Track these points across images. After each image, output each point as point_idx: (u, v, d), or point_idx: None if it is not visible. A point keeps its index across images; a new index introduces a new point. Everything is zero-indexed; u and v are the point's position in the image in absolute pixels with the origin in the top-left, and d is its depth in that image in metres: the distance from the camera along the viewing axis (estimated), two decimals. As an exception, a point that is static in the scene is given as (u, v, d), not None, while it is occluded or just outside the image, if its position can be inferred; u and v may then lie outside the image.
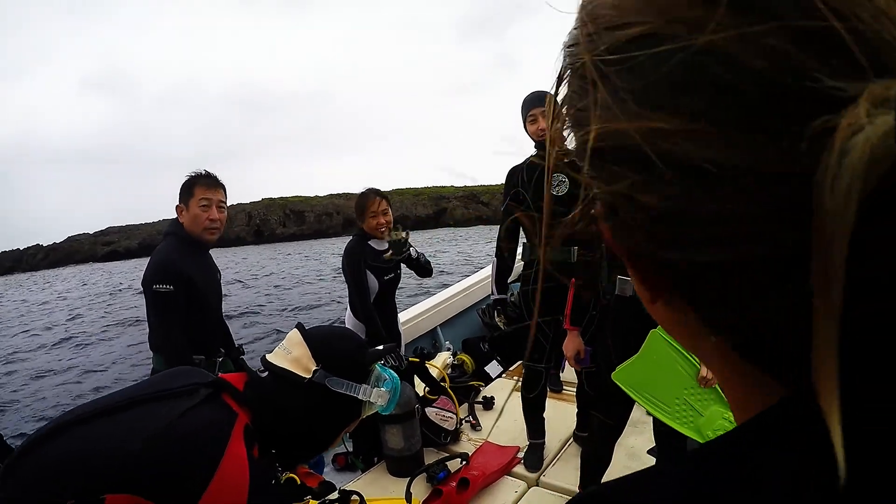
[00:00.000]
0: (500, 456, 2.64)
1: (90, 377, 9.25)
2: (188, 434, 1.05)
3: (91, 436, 1.05)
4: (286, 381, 1.23)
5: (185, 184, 2.37)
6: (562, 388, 3.39)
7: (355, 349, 1.33)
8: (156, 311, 2.23)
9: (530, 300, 2.60)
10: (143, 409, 1.09)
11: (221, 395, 1.19)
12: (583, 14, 0.26)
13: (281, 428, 1.22)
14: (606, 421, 2.08)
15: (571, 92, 0.28)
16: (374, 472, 2.66)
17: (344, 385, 1.25)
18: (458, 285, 4.94)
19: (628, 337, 1.95)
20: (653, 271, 0.28)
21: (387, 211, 2.95)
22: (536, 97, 2.49)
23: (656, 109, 0.22)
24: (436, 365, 3.13)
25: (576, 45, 0.27)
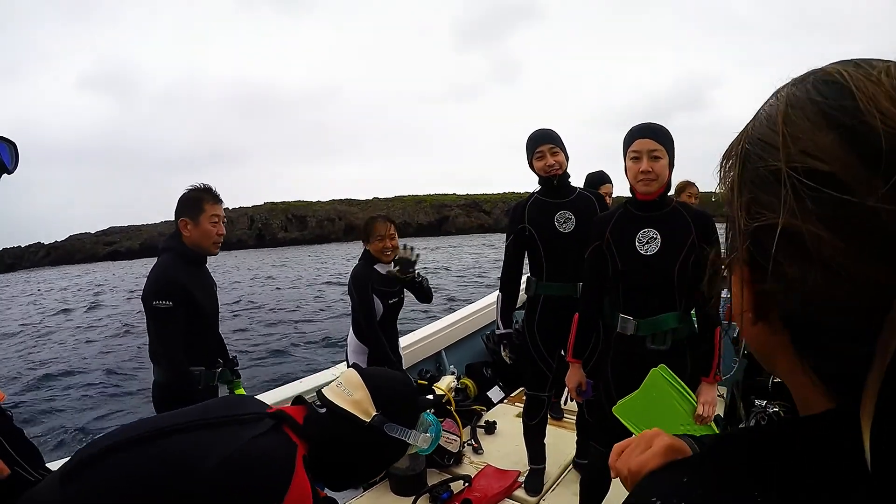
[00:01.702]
0: (502, 479, 2.73)
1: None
2: (257, 460, 1.14)
3: (162, 454, 1.12)
4: (346, 420, 1.34)
5: (190, 199, 2.40)
6: (562, 416, 3.48)
7: (410, 398, 1.45)
8: (156, 325, 2.29)
9: (535, 332, 2.64)
10: (211, 433, 1.18)
11: (283, 426, 1.29)
12: (784, 129, 0.37)
13: (334, 460, 1.33)
14: (605, 451, 2.15)
15: (753, 177, 0.39)
16: (376, 490, 2.73)
17: (398, 430, 1.36)
18: (464, 310, 5.01)
19: (627, 372, 2.03)
20: (778, 316, 0.39)
21: (394, 236, 3.01)
22: (543, 135, 2.53)
23: (829, 230, 0.33)
24: (442, 388, 3.20)
25: (770, 147, 0.38)
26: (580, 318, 2.24)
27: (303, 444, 1.27)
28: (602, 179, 3.68)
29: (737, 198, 0.40)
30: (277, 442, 1.22)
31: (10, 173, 1.55)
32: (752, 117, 0.42)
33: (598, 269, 2.14)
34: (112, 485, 1.08)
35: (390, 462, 1.47)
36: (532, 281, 2.67)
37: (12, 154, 1.53)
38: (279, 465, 1.15)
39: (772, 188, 0.36)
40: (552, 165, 2.49)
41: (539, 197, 2.63)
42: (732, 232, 0.41)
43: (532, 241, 2.60)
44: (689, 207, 2.04)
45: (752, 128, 0.41)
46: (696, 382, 1.96)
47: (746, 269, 0.40)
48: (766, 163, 0.37)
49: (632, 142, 1.94)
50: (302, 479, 1.15)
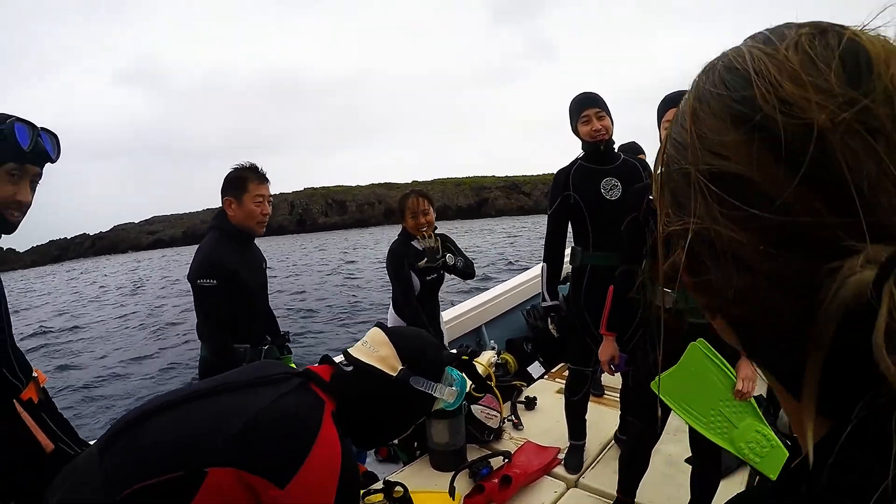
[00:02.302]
0: (542, 456, 2.71)
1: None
2: (285, 415, 1.19)
3: (193, 416, 1.19)
4: (373, 376, 1.38)
5: (235, 178, 2.44)
6: (603, 392, 3.43)
7: (434, 352, 1.48)
8: (200, 303, 2.35)
9: (582, 304, 2.59)
10: (240, 394, 1.24)
11: (310, 384, 1.33)
12: (693, 128, 0.35)
13: (361, 417, 1.36)
14: (644, 427, 2.13)
15: (669, 180, 0.38)
16: (416, 464, 2.76)
17: (423, 383, 1.39)
18: (504, 285, 4.98)
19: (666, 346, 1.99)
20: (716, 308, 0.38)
21: (427, 211, 2.99)
22: (589, 98, 2.45)
23: (743, 230, 0.32)
24: (482, 363, 3.19)
25: (682, 148, 0.36)
26: (615, 290, 2.19)
27: (330, 400, 1.31)
28: (635, 150, 3.59)
29: (660, 201, 0.39)
30: (304, 399, 1.26)
31: (52, 162, 1.64)
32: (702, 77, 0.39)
33: (634, 241, 2.09)
34: (145, 450, 1.13)
35: (417, 417, 1.48)
36: (577, 251, 2.60)
37: (54, 144, 1.62)
38: (305, 419, 1.19)
39: (685, 191, 0.35)
40: (598, 130, 2.41)
41: (583, 163, 2.54)
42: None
43: (577, 209, 2.53)
44: None
45: (671, 127, 0.39)
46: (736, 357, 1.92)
47: (685, 272, 0.38)
48: (680, 165, 0.36)
49: (665, 111, 1.90)
50: (330, 433, 1.19)
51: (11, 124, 1.50)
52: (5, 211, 1.55)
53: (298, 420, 1.19)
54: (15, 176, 1.54)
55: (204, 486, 1.08)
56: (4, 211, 1.55)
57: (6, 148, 1.50)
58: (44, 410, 1.68)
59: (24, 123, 1.53)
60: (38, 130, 1.57)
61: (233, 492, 1.10)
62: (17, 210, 1.58)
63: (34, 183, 1.63)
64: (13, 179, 1.54)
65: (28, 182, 1.59)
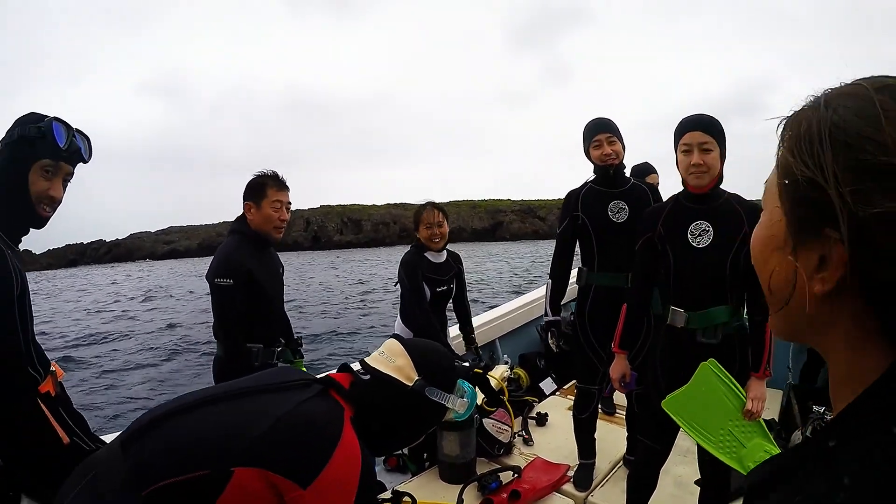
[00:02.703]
0: (551, 472, 2.71)
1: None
2: (310, 419, 1.23)
3: (220, 417, 1.23)
4: (389, 385, 1.42)
5: (256, 183, 2.51)
6: (614, 411, 3.43)
7: (449, 364, 1.53)
8: (217, 302, 2.41)
9: (586, 323, 2.64)
10: (265, 397, 1.29)
11: (330, 391, 1.39)
12: (888, 130, 0.41)
13: (376, 424, 1.40)
14: (653, 446, 2.13)
15: (855, 168, 0.42)
16: (425, 476, 2.77)
17: (437, 394, 1.44)
18: (520, 300, 5.00)
19: (677, 365, 2.00)
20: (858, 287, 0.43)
21: (441, 223, 3.06)
22: (601, 123, 2.52)
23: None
24: (495, 376, 3.20)
25: (874, 143, 0.41)
26: (628, 309, 2.22)
27: (349, 407, 1.36)
28: (647, 170, 3.66)
29: (834, 182, 0.42)
30: (325, 405, 1.31)
31: (85, 163, 1.72)
32: (817, 110, 0.46)
33: (648, 261, 2.12)
34: (171, 448, 1.17)
35: (429, 425, 1.53)
36: (583, 271, 2.66)
37: (87, 146, 1.70)
38: (328, 423, 1.24)
39: (882, 179, 0.40)
40: (609, 155, 2.48)
41: (593, 186, 2.61)
42: (808, 207, 0.44)
43: (584, 230, 2.59)
44: (741, 200, 2.00)
45: (839, 119, 0.43)
46: (745, 377, 1.93)
47: (839, 247, 0.42)
48: (873, 157, 0.41)
49: (682, 134, 1.92)
50: (351, 438, 1.24)
51: (49, 123, 1.58)
52: (38, 205, 1.62)
53: (322, 424, 1.23)
54: (49, 172, 1.61)
55: (230, 485, 1.12)
56: (37, 205, 1.62)
57: (43, 145, 1.58)
58: (59, 404, 1.72)
59: (61, 123, 1.61)
60: (73, 131, 1.65)
61: (257, 491, 1.14)
62: (49, 205, 1.66)
63: (66, 181, 1.70)
64: (47, 176, 1.61)
65: (61, 179, 1.67)
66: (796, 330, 0.52)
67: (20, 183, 1.59)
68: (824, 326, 0.47)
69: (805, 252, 0.46)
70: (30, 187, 1.60)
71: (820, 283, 0.45)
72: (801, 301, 0.47)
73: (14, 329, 1.55)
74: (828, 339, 0.48)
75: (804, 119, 0.46)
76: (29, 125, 1.57)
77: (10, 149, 1.59)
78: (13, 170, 1.58)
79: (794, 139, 0.46)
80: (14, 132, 1.58)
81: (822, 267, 0.44)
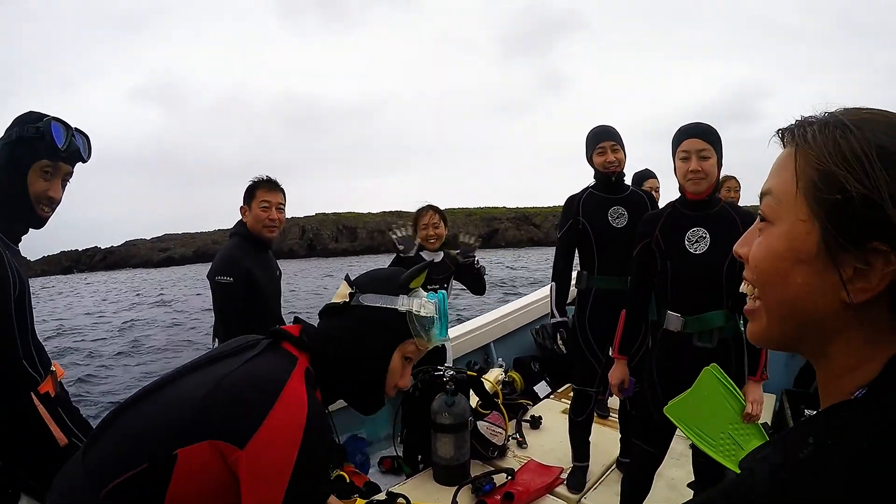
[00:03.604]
0: (544, 475, 2.72)
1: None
2: (249, 375, 1.11)
3: (160, 401, 1.13)
4: (330, 312, 1.29)
5: (249, 187, 2.62)
6: (608, 415, 3.45)
7: (391, 272, 1.34)
8: (217, 300, 2.48)
9: (586, 326, 2.67)
10: (208, 369, 1.17)
11: (282, 343, 1.25)
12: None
13: (332, 364, 1.25)
14: (648, 449, 2.15)
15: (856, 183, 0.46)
16: (419, 478, 2.78)
17: (380, 298, 1.26)
18: (514, 303, 5.02)
19: (673, 369, 2.03)
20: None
21: (438, 224, 3.09)
22: (605, 131, 2.58)
23: None
24: (489, 380, 3.22)
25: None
26: (627, 314, 2.25)
27: (303, 355, 1.23)
28: (646, 176, 3.75)
29: (890, 199, 0.45)
30: (272, 358, 1.18)
31: (84, 162, 1.71)
32: (848, 131, 0.48)
33: (646, 267, 2.16)
34: (117, 445, 1.09)
35: (393, 343, 1.28)
36: (583, 275, 2.71)
37: (86, 145, 1.70)
38: (267, 378, 1.11)
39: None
40: (612, 162, 2.56)
41: (594, 191, 2.68)
42: (858, 222, 0.47)
43: (585, 235, 2.65)
44: (736, 207, 2.05)
45: (885, 141, 0.47)
46: (740, 381, 1.95)
47: (886, 258, 0.46)
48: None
49: (681, 142, 1.97)
50: (295, 390, 1.10)
51: (48, 123, 1.57)
52: (37, 206, 1.62)
53: (262, 379, 1.11)
54: (48, 173, 1.61)
55: (177, 469, 1.03)
56: (36, 206, 1.62)
57: (42, 145, 1.57)
58: (59, 404, 1.71)
59: (59, 123, 1.60)
60: (72, 130, 1.64)
61: (211, 467, 1.05)
62: (48, 206, 1.65)
63: (65, 181, 1.70)
64: (46, 176, 1.61)
65: (60, 180, 1.66)
66: (798, 338, 0.54)
67: (19, 183, 1.58)
68: (833, 334, 0.50)
69: (842, 263, 0.48)
70: (29, 188, 1.59)
71: (860, 292, 0.47)
72: (822, 309, 0.50)
73: (11, 330, 1.54)
74: (831, 346, 0.51)
75: (836, 136, 0.49)
76: (27, 125, 1.56)
77: (8, 149, 1.58)
78: (12, 170, 1.58)
79: (835, 154, 0.48)
80: (13, 132, 1.57)
81: (854, 278, 0.47)
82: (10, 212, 1.61)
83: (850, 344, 0.50)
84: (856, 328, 0.49)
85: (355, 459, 3.16)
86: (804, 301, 0.51)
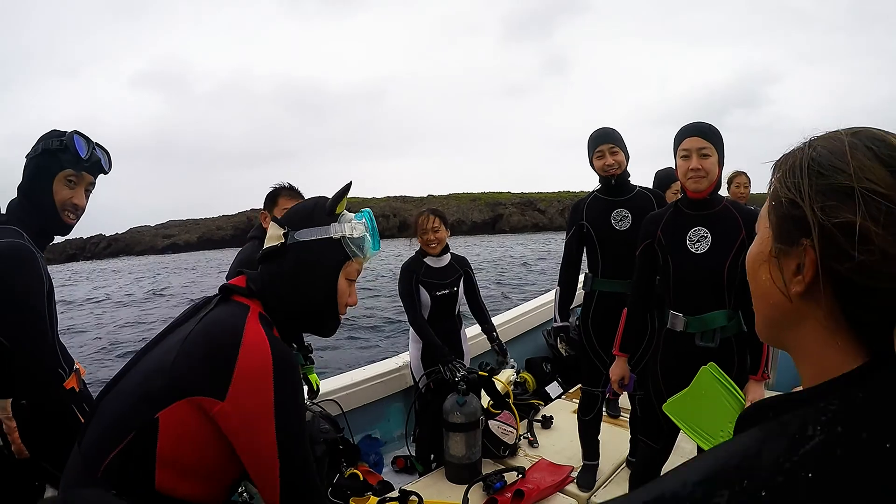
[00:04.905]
0: (555, 473, 2.76)
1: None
2: (208, 329, 1.16)
3: (136, 377, 1.18)
4: (269, 256, 1.31)
5: (270, 194, 2.69)
6: (619, 414, 3.48)
7: (316, 200, 1.37)
8: None
9: (590, 328, 2.71)
10: (171, 336, 1.22)
11: (231, 297, 1.29)
12: (853, 162, 0.52)
13: (281, 305, 1.29)
14: (654, 446, 2.18)
15: (825, 189, 0.53)
16: (432, 476, 2.83)
17: (312, 232, 1.30)
18: (526, 305, 5.06)
19: (676, 368, 2.06)
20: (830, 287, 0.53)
21: (437, 228, 3.12)
22: (603, 134, 2.60)
23: (881, 228, 0.49)
24: (501, 380, 3.26)
25: (840, 172, 0.52)
26: (629, 313, 2.29)
27: (254, 302, 1.27)
28: (671, 177, 3.62)
29: (809, 200, 0.53)
30: (225, 311, 1.22)
31: (105, 173, 1.87)
32: (802, 150, 0.58)
33: (648, 267, 2.19)
34: (104, 422, 1.14)
35: (336, 269, 1.32)
36: (589, 277, 2.75)
37: (106, 159, 1.84)
38: (225, 329, 1.15)
39: (843, 198, 0.51)
40: (611, 165, 2.57)
41: (598, 195, 2.71)
42: (789, 222, 0.56)
43: (589, 238, 2.69)
44: (738, 206, 2.06)
45: (816, 155, 0.55)
46: (743, 380, 1.99)
47: (812, 252, 0.53)
48: (838, 181, 0.52)
49: (681, 140, 2.00)
50: (253, 334, 1.14)
51: (71, 136, 1.71)
52: (62, 213, 1.76)
53: (220, 330, 1.15)
54: (72, 182, 1.75)
55: (160, 433, 1.08)
56: (62, 213, 1.75)
57: (66, 156, 1.71)
58: (83, 400, 1.84)
59: (81, 136, 1.74)
60: (93, 143, 1.79)
61: (191, 422, 1.09)
62: (73, 213, 1.79)
63: (88, 191, 1.83)
64: (70, 185, 1.75)
65: (83, 189, 1.80)
66: (775, 330, 0.63)
67: (45, 192, 1.71)
68: (800, 322, 0.58)
69: (787, 260, 0.57)
70: (54, 196, 1.72)
71: (798, 284, 0.56)
72: (780, 302, 0.59)
73: (45, 329, 1.66)
74: (800, 336, 0.58)
75: (791, 156, 0.59)
76: (52, 139, 1.70)
77: (35, 161, 1.72)
78: (38, 180, 1.71)
79: (782, 171, 0.59)
80: (38, 146, 1.71)
81: (798, 271, 0.56)
82: (37, 219, 1.73)
83: (814, 336, 0.57)
84: (812, 320, 0.56)
85: (369, 459, 3.22)
86: (769, 296, 0.61)
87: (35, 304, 1.63)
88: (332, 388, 3.35)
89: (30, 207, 1.72)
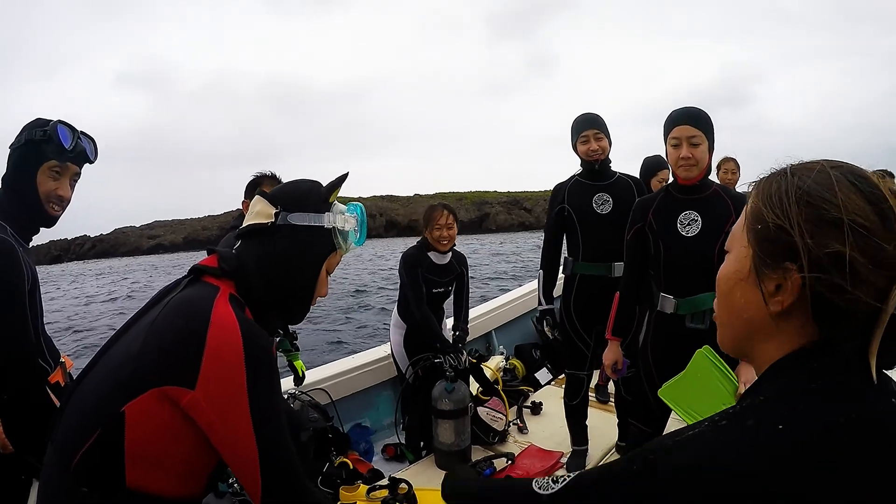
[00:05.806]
0: (544, 459, 2.78)
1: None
2: (173, 314, 1.09)
3: (103, 369, 1.11)
4: (253, 234, 1.24)
5: (252, 182, 2.66)
6: (608, 399, 3.49)
7: (311, 184, 1.32)
8: None
9: (572, 311, 2.72)
10: (138, 323, 1.15)
11: (201, 278, 1.21)
12: (840, 196, 0.57)
13: (258, 287, 1.22)
14: (644, 429, 2.19)
15: (815, 219, 0.57)
16: (422, 464, 2.83)
17: (307, 217, 1.24)
18: (515, 292, 5.06)
19: (666, 350, 2.06)
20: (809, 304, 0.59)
21: (452, 225, 3.09)
22: (588, 119, 2.61)
23: (863, 256, 0.55)
24: (490, 367, 3.25)
25: (830, 204, 0.57)
26: (621, 297, 2.29)
27: (225, 283, 1.19)
28: (659, 165, 3.63)
29: (798, 229, 0.57)
30: (192, 293, 1.15)
31: (91, 163, 1.81)
32: (785, 177, 0.62)
33: (639, 250, 2.19)
34: (77, 420, 1.08)
35: (321, 259, 1.28)
36: (569, 261, 2.76)
37: (92, 147, 1.79)
38: (191, 314, 1.08)
39: (831, 229, 0.56)
40: (595, 150, 2.58)
41: (579, 179, 2.72)
42: (774, 246, 0.60)
43: (570, 222, 2.70)
44: (728, 190, 2.07)
45: (803, 185, 0.59)
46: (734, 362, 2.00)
47: (795, 277, 0.58)
48: (828, 213, 0.56)
49: (672, 128, 1.99)
50: (223, 316, 1.08)
51: (54, 126, 1.65)
52: (47, 204, 1.70)
53: (186, 315, 1.08)
54: (57, 173, 1.70)
55: (127, 427, 1.02)
56: (46, 204, 1.70)
57: (50, 147, 1.66)
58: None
59: (65, 126, 1.69)
60: (78, 133, 1.73)
61: (158, 414, 1.03)
62: (58, 204, 1.74)
63: (73, 182, 1.78)
64: (55, 176, 1.70)
65: (68, 180, 1.75)
66: (742, 343, 0.68)
67: (29, 183, 1.67)
68: (769, 337, 0.63)
69: (766, 280, 0.61)
70: (38, 187, 1.68)
71: (777, 304, 0.60)
72: (754, 319, 0.64)
73: (25, 324, 1.63)
74: (766, 348, 0.64)
75: (774, 181, 0.62)
76: (35, 129, 1.65)
77: (18, 152, 1.67)
78: (22, 171, 1.67)
79: (766, 195, 0.62)
80: (21, 137, 1.66)
81: (776, 293, 0.60)
82: (22, 211, 1.69)
83: (773, 348, 0.63)
84: (782, 335, 0.62)
85: (359, 448, 3.21)
86: (742, 312, 0.65)
87: (13, 297, 1.58)
88: (321, 377, 3.33)
89: (14, 199, 1.68)
